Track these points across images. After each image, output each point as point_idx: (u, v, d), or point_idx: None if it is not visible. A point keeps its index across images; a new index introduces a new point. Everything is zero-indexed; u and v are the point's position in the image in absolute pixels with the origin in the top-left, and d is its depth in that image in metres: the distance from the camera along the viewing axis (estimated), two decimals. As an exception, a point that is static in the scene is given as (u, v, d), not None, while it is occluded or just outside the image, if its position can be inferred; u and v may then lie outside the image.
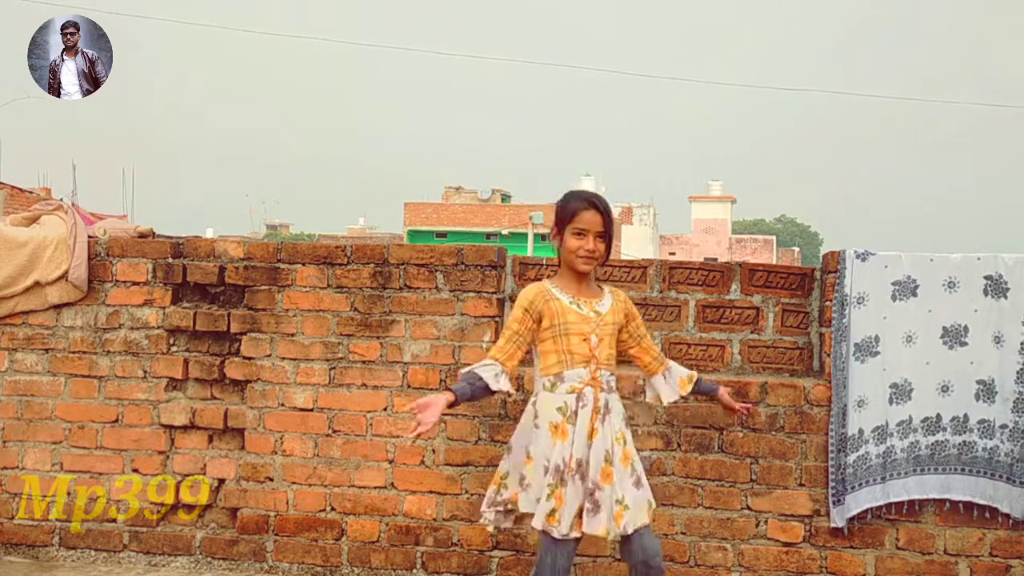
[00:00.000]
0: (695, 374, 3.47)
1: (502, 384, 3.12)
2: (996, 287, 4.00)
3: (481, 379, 3.09)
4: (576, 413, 3.14)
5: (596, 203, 3.21)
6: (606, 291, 3.32)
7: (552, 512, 3.08)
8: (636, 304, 3.85)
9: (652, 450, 4.14)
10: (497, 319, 4.34)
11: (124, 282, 4.47)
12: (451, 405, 3.04)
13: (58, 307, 4.48)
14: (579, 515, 3.10)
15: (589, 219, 3.18)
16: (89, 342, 4.47)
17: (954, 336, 4.01)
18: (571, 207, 3.21)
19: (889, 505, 4.04)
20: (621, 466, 3.17)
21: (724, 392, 3.54)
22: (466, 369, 3.15)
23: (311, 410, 4.35)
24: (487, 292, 4.29)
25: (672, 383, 3.42)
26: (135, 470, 4.44)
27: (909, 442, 4.02)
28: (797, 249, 66.59)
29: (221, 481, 4.40)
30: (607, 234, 3.22)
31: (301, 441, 4.35)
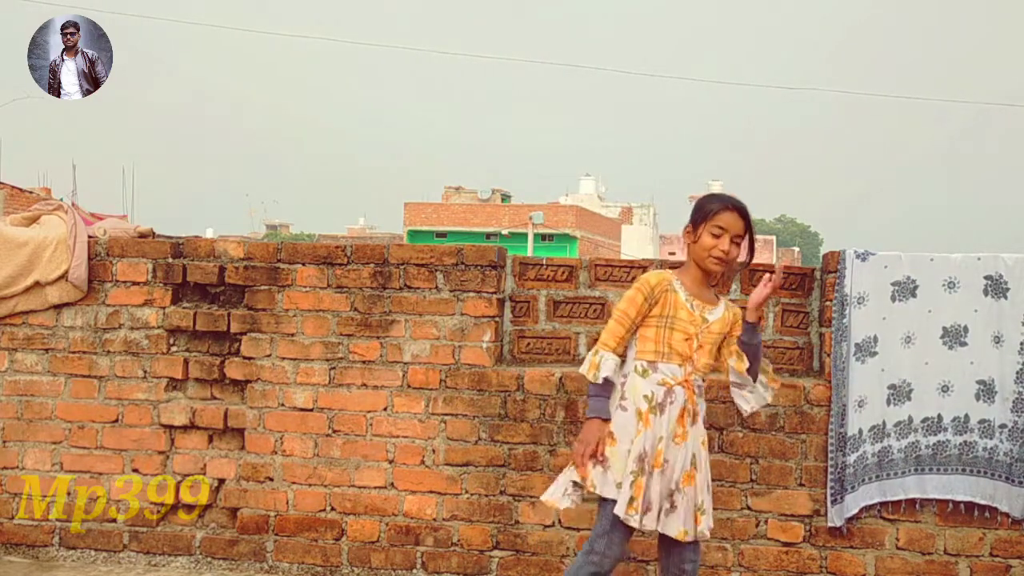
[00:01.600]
0: (742, 353, 3.24)
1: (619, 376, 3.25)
2: (996, 287, 4.00)
3: (612, 383, 3.21)
4: (662, 406, 3.13)
5: (738, 207, 3.19)
6: (722, 302, 3.28)
7: (631, 500, 3.08)
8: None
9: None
10: (497, 319, 4.34)
11: (124, 282, 4.47)
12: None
13: (58, 307, 4.48)
14: (658, 513, 3.13)
15: (728, 220, 3.16)
16: (89, 342, 4.47)
17: (954, 336, 4.01)
18: (712, 206, 3.19)
19: (888, 504, 4.04)
20: (707, 472, 3.22)
21: (752, 309, 3.23)
22: (600, 376, 3.16)
23: (311, 410, 4.35)
24: (487, 292, 4.29)
25: (748, 382, 3.29)
26: (135, 470, 4.44)
27: (908, 442, 4.02)
28: (797, 249, 66.60)
29: (221, 481, 4.40)
30: (748, 241, 3.22)
31: (301, 441, 4.35)
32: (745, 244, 3.24)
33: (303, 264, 4.39)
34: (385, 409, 4.32)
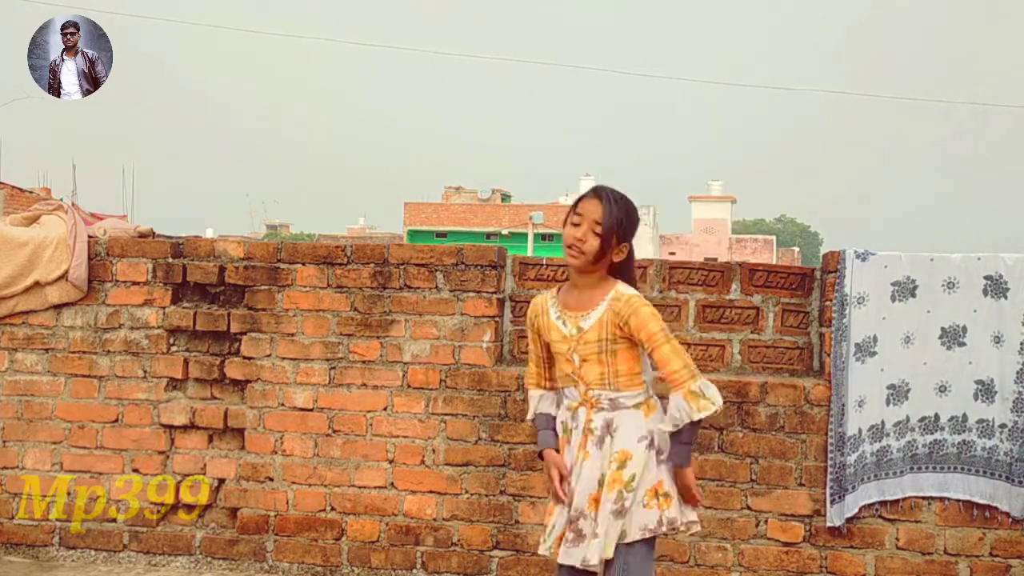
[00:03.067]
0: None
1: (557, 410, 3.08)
2: (996, 287, 4.00)
3: (552, 416, 3.06)
4: (570, 431, 2.96)
5: (599, 192, 2.87)
6: (607, 299, 2.86)
7: (550, 532, 2.94)
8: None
9: (652, 450, 4.14)
10: (497, 319, 4.34)
11: (124, 282, 4.47)
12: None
13: (58, 307, 4.48)
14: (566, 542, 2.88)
15: (586, 207, 2.85)
16: (89, 342, 4.47)
17: (952, 336, 4.01)
18: (578, 198, 2.92)
19: (887, 504, 4.04)
20: (607, 490, 2.85)
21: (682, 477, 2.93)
22: (536, 412, 3.08)
23: (311, 410, 4.35)
24: (487, 292, 4.29)
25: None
26: (135, 470, 4.44)
27: (906, 441, 4.02)
28: (797, 249, 66.59)
29: (221, 481, 4.40)
30: (606, 228, 2.80)
31: (301, 441, 4.35)
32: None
33: (303, 264, 4.39)
34: (385, 409, 4.32)
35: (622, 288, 2.88)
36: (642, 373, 2.92)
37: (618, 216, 2.83)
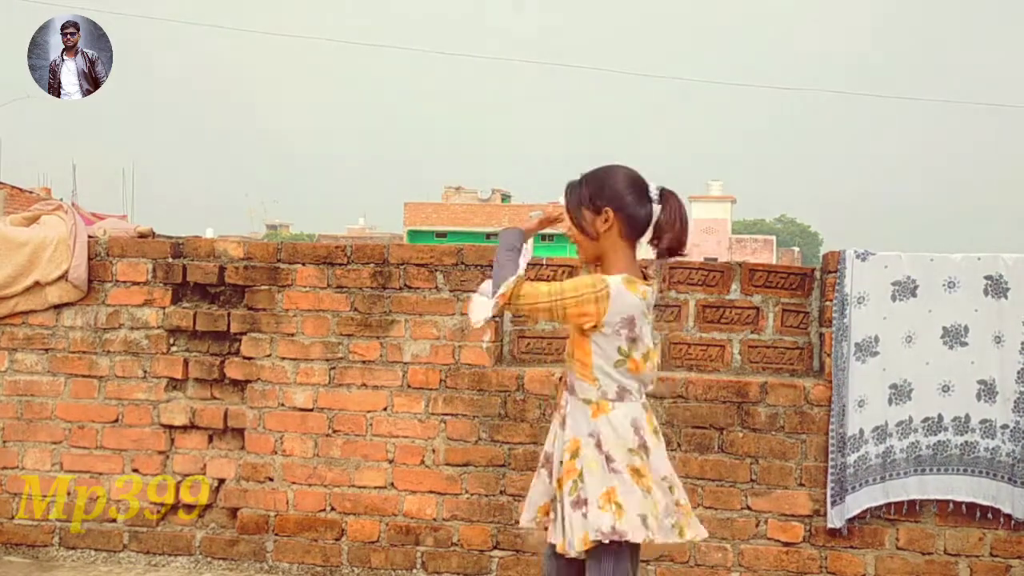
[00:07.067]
0: None
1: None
2: (996, 287, 4.00)
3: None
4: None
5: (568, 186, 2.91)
6: None
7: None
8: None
9: (652, 450, 4.14)
10: (497, 319, 4.34)
11: (124, 282, 4.47)
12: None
13: (58, 307, 4.48)
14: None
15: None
16: (89, 342, 4.47)
17: (954, 336, 4.01)
18: None
19: (889, 505, 4.04)
20: (565, 477, 2.81)
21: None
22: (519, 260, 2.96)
23: (311, 410, 4.35)
24: (487, 292, 4.28)
25: None
26: (135, 470, 4.44)
27: (909, 442, 4.02)
28: (797, 249, 66.59)
29: (221, 481, 4.40)
30: (572, 210, 2.89)
31: (301, 441, 4.35)
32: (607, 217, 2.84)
33: (303, 264, 4.38)
34: (385, 409, 4.31)
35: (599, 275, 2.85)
36: (593, 369, 2.80)
37: (580, 193, 2.85)
